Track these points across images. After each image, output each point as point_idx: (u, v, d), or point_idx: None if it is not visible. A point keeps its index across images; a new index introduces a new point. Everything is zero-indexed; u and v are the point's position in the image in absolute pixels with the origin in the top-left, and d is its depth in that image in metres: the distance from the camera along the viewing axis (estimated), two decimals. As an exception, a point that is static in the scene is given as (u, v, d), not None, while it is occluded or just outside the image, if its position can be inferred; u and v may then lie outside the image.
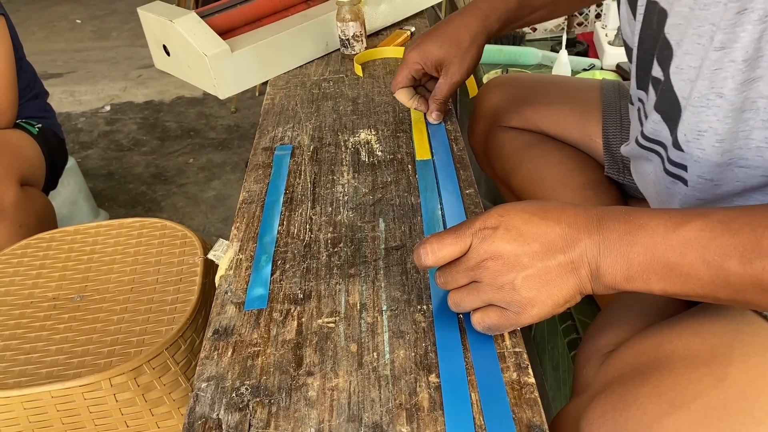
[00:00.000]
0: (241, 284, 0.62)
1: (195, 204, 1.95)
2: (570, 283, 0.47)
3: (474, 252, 0.48)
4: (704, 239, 0.43)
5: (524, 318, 0.49)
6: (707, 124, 0.49)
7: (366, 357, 0.53)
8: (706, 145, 0.50)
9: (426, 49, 0.81)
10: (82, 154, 2.25)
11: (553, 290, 0.47)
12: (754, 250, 0.41)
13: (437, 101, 0.84)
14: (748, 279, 0.42)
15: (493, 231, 0.48)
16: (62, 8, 3.81)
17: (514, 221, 0.48)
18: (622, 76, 1.26)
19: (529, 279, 0.47)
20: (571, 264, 0.47)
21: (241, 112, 2.45)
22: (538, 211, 0.48)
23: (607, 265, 0.46)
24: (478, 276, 0.49)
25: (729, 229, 0.43)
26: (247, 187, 0.77)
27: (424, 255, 0.50)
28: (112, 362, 0.74)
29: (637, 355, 0.50)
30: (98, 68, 2.95)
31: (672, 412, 0.43)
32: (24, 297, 0.85)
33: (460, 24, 0.80)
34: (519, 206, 0.49)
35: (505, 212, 0.49)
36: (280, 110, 0.95)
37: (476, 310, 0.51)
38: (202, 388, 0.52)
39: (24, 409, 0.72)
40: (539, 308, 0.48)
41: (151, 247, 0.91)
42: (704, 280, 0.44)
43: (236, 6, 1.08)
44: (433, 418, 0.48)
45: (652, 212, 0.46)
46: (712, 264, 0.43)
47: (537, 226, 0.47)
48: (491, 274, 0.48)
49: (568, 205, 0.49)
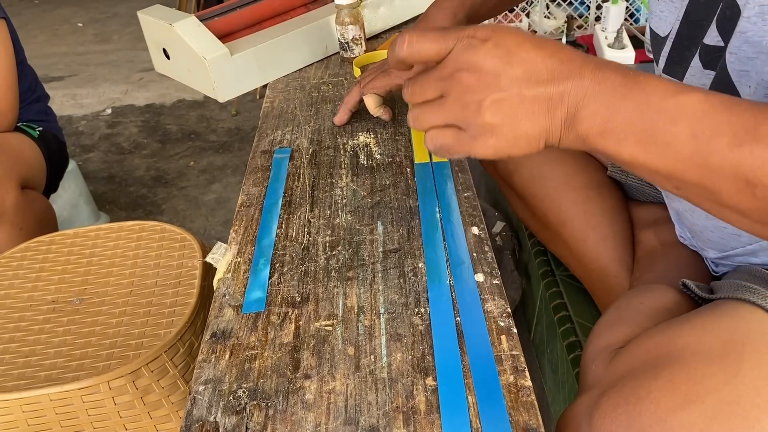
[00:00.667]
0: (239, 287, 0.63)
1: (196, 207, 1.95)
2: (539, 122, 0.44)
3: (453, 58, 0.45)
4: (701, 111, 0.41)
5: (479, 146, 0.45)
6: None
7: (363, 360, 0.53)
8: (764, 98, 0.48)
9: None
10: (83, 157, 2.25)
11: (518, 124, 0.44)
12: (749, 133, 0.39)
13: None
14: (730, 162, 0.40)
15: (481, 42, 0.44)
16: (64, 11, 3.82)
17: (506, 39, 0.44)
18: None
19: (498, 103, 0.43)
20: (548, 101, 0.43)
21: (242, 115, 2.46)
22: (534, 39, 0.44)
23: (589, 112, 0.42)
24: (448, 88, 0.45)
25: (730, 110, 0.40)
26: (245, 190, 0.77)
27: (401, 44, 0.46)
28: (111, 365, 0.74)
29: (649, 351, 0.50)
30: (99, 71, 2.96)
31: (686, 406, 0.43)
32: (23, 300, 0.86)
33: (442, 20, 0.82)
34: (516, 29, 0.45)
35: (500, 29, 0.45)
36: (279, 113, 0.95)
37: (434, 127, 0.47)
38: (199, 391, 0.52)
39: (23, 411, 0.73)
40: (497, 139, 0.44)
41: (150, 250, 0.91)
42: (683, 153, 0.41)
43: (236, 9, 1.08)
44: (430, 421, 0.48)
45: (655, 76, 0.43)
46: (700, 138, 0.40)
47: (527, 52, 0.43)
48: (461, 88, 0.44)
49: (569, 46, 0.45)
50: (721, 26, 0.51)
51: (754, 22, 0.46)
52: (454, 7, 0.83)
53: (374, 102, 0.86)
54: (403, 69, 0.50)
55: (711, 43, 0.52)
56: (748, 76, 0.48)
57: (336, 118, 0.89)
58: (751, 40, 0.47)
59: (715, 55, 0.52)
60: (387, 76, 0.84)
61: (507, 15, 1.45)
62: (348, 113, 0.88)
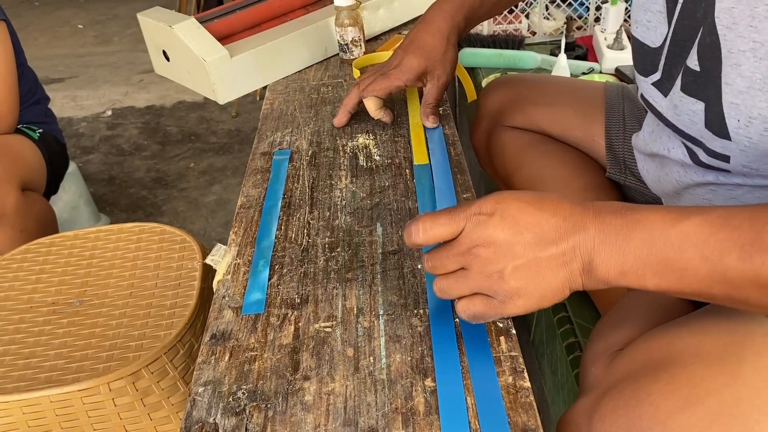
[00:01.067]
0: (238, 289, 0.63)
1: (196, 208, 1.95)
2: (560, 276, 0.47)
3: (466, 236, 0.48)
4: (703, 234, 0.43)
5: (510, 308, 0.48)
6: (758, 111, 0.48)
7: (362, 361, 0.53)
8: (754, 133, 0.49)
9: (408, 66, 0.84)
10: (83, 159, 2.25)
11: (541, 282, 0.47)
12: (754, 245, 0.41)
13: (430, 106, 0.86)
14: (747, 274, 0.42)
15: (488, 217, 0.47)
16: (64, 13, 3.82)
17: (510, 209, 0.47)
18: (620, 79, 1.26)
19: (519, 269, 0.47)
20: (562, 257, 0.46)
21: (242, 117, 2.46)
22: (534, 201, 0.48)
23: (602, 259, 0.46)
24: (468, 262, 0.48)
25: (729, 225, 0.43)
26: (245, 192, 0.78)
27: (416, 232, 0.50)
28: (111, 367, 0.74)
29: (649, 353, 0.50)
30: (100, 73, 2.96)
31: (685, 409, 0.43)
32: (24, 302, 0.86)
33: (431, 31, 0.84)
34: (516, 195, 0.49)
35: (501, 199, 0.48)
36: (279, 115, 0.95)
37: (462, 297, 0.51)
38: (199, 392, 0.52)
39: (23, 413, 0.73)
40: (526, 299, 0.48)
41: (150, 252, 0.91)
42: (701, 275, 0.43)
43: (235, 11, 1.08)
44: (429, 422, 0.48)
45: (650, 208, 0.46)
46: (711, 259, 0.43)
47: (532, 215, 0.47)
48: (481, 261, 0.48)
49: (565, 198, 0.48)
50: (701, 51, 0.51)
51: (747, 57, 0.47)
52: (453, 10, 0.84)
53: (374, 105, 0.86)
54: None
55: (691, 66, 0.53)
56: (737, 110, 0.49)
57: (335, 119, 0.89)
58: (744, 74, 0.47)
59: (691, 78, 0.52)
60: (386, 78, 0.84)
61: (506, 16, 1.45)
62: (347, 115, 0.88)
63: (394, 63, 0.85)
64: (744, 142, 0.50)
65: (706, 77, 0.51)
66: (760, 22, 0.45)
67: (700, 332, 0.49)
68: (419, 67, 0.83)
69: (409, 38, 0.86)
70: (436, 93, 0.85)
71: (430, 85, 0.85)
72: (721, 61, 0.49)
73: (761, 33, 0.45)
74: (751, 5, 0.45)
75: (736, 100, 0.48)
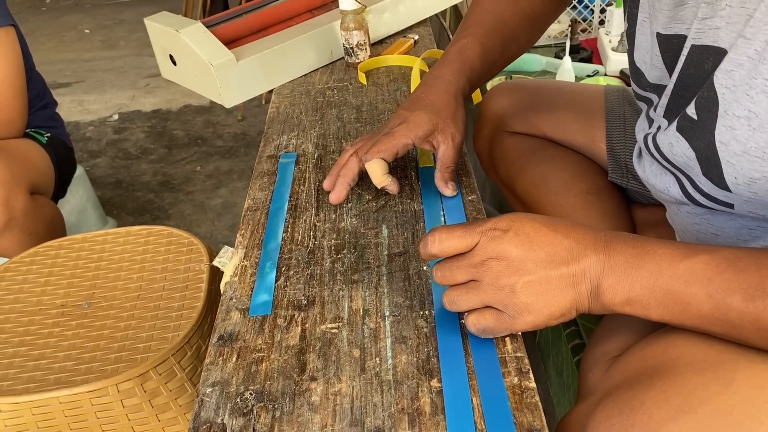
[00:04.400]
0: (245, 291, 0.63)
1: (202, 211, 1.96)
2: (568, 296, 0.49)
3: (480, 249, 0.50)
4: (710, 272, 0.45)
5: (519, 323, 0.50)
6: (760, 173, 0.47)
7: (369, 362, 0.54)
8: (758, 189, 0.49)
9: (417, 121, 0.71)
10: (90, 163, 2.27)
11: (550, 300, 0.49)
12: (758, 289, 0.43)
13: (449, 169, 0.74)
14: (748, 317, 0.43)
15: (503, 233, 0.49)
16: (71, 18, 3.85)
17: (525, 227, 0.49)
18: (625, 82, 1.27)
19: (530, 285, 0.48)
20: (572, 277, 0.48)
21: (248, 120, 2.47)
22: (548, 223, 0.50)
23: (609, 284, 0.47)
24: (480, 274, 0.50)
25: (735, 267, 0.44)
26: (252, 195, 0.78)
27: (431, 243, 0.51)
28: (119, 368, 0.75)
29: (644, 360, 0.50)
30: (106, 77, 2.98)
31: (678, 417, 0.43)
32: (33, 304, 0.87)
33: (436, 92, 0.74)
34: (531, 215, 0.51)
35: (516, 218, 0.50)
36: (285, 118, 0.96)
37: (472, 311, 0.52)
38: (206, 393, 0.53)
39: (33, 414, 0.73)
40: (534, 316, 0.49)
41: (157, 255, 0.92)
42: (703, 312, 0.45)
43: (241, 16, 1.09)
44: (435, 422, 0.48)
45: (659, 241, 0.48)
46: (715, 297, 0.44)
47: (546, 235, 0.49)
48: (493, 274, 0.49)
49: (578, 223, 0.50)
50: (700, 103, 0.50)
51: (742, 123, 0.47)
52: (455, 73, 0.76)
53: (381, 169, 0.72)
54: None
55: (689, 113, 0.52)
56: (733, 168, 0.49)
57: (332, 195, 0.73)
58: (739, 139, 0.47)
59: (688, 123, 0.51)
60: (391, 137, 0.71)
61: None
62: (347, 188, 0.73)
63: (397, 121, 0.73)
64: (746, 195, 0.50)
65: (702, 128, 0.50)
66: (756, 94, 0.45)
67: (696, 339, 0.50)
68: (429, 123, 0.71)
69: (412, 99, 0.75)
70: (453, 154, 0.73)
71: (444, 146, 0.72)
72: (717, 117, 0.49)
73: (757, 104, 0.45)
74: (750, 75, 0.45)
75: (732, 160, 0.48)
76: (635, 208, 0.89)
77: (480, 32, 0.79)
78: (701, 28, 0.49)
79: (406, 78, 1.04)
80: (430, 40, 1.19)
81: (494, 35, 0.79)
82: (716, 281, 0.44)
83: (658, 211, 0.84)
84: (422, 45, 1.16)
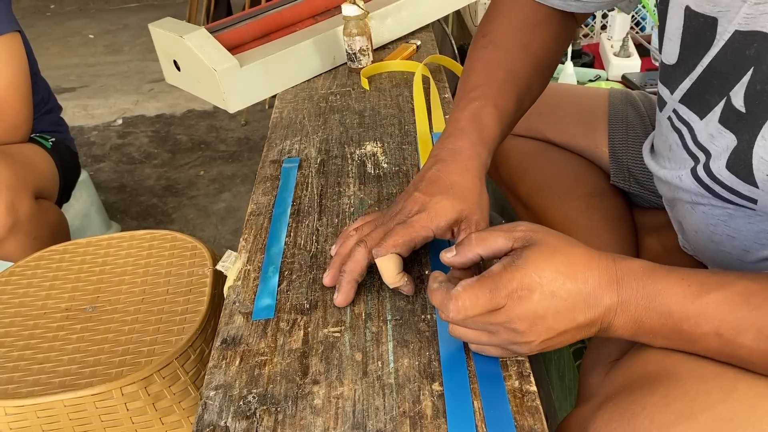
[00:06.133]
0: (249, 295, 0.64)
1: (205, 216, 1.97)
2: (577, 338, 0.50)
3: (506, 312, 0.48)
4: (722, 312, 0.45)
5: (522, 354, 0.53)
6: None
7: (371, 366, 0.54)
8: None
9: (439, 209, 0.60)
10: (94, 167, 2.28)
11: (561, 344, 0.51)
12: None
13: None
14: (759, 354, 0.44)
15: (529, 293, 0.48)
16: (76, 23, 3.87)
17: (551, 285, 0.48)
18: (627, 86, 1.27)
19: (547, 341, 0.50)
20: (587, 327, 0.49)
21: (251, 125, 2.48)
22: (569, 272, 0.48)
23: (619, 324, 0.49)
24: (499, 330, 0.50)
25: (749, 304, 0.44)
26: (255, 199, 0.79)
27: (455, 311, 0.48)
28: (123, 372, 0.75)
29: (645, 365, 0.51)
30: (110, 82, 2.99)
31: (679, 423, 0.43)
32: (38, 308, 0.87)
33: (457, 171, 0.63)
34: (552, 263, 0.48)
35: (539, 270, 0.48)
36: (288, 123, 0.96)
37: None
38: (210, 396, 0.53)
39: (37, 417, 0.74)
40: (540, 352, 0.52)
41: (161, 259, 0.93)
42: (711, 348, 0.46)
43: (245, 21, 1.10)
44: (436, 425, 0.48)
45: (671, 276, 0.48)
46: (725, 337, 0.45)
47: (568, 290, 0.48)
48: (514, 333, 0.49)
49: (593, 258, 0.49)
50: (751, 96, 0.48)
51: None
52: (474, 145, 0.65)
53: (396, 267, 0.60)
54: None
55: (735, 105, 0.50)
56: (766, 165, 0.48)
57: (339, 298, 0.60)
58: None
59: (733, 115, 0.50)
60: (409, 227, 0.59)
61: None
62: (354, 287, 0.61)
63: (414, 207, 0.61)
64: None
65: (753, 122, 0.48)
66: None
67: None
68: (453, 211, 0.60)
69: (429, 179, 0.63)
70: None
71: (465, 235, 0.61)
72: None
73: None
74: None
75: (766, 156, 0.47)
76: (637, 212, 0.89)
77: (491, 92, 0.68)
78: (751, 14, 0.46)
79: (409, 83, 1.05)
80: (433, 45, 1.19)
81: (507, 93, 0.69)
82: (728, 321, 0.45)
83: (660, 214, 0.84)
84: (424, 50, 1.17)
